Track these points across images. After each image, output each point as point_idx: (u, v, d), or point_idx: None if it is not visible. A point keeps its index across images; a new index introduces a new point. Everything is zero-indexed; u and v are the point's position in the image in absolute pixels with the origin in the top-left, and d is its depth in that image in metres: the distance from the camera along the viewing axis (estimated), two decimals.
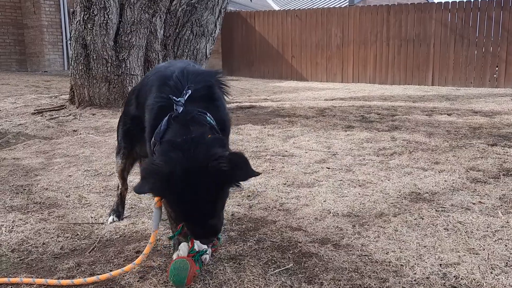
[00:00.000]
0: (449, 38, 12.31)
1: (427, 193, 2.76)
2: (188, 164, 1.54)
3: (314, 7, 17.68)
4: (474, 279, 1.70)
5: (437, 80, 12.58)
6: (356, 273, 1.76)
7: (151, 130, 1.78)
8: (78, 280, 1.74)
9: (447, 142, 4.24)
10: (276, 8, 21.72)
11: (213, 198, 1.57)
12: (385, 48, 13.21)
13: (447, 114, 6.05)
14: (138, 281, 1.74)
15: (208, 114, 1.72)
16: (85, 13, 5.96)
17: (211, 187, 1.55)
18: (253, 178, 3.08)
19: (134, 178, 2.88)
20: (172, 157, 1.56)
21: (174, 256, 1.83)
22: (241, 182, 1.63)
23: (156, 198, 1.78)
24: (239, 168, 1.55)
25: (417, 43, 12.74)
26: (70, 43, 6.47)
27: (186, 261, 1.67)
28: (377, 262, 1.85)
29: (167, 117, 1.70)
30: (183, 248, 1.79)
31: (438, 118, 5.73)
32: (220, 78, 1.92)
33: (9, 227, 2.30)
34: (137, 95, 2.11)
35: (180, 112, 1.69)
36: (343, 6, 16.44)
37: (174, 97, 1.72)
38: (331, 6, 16.37)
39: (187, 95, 1.73)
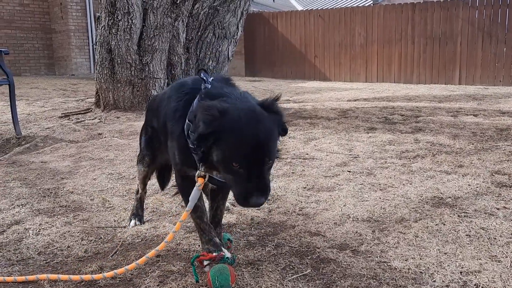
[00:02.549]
0: (477, 36, 12.04)
1: (449, 197, 2.72)
2: (241, 104, 1.60)
3: (338, 6, 17.58)
4: None
5: (464, 79, 12.32)
6: (374, 280, 1.75)
7: (176, 128, 1.77)
8: (98, 276, 1.79)
9: (472, 144, 4.15)
10: (299, 8, 21.65)
11: (272, 134, 1.60)
12: (410, 47, 13.02)
13: (473, 115, 5.93)
14: (157, 285, 1.78)
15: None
16: (110, 18, 6.09)
17: (267, 119, 1.60)
18: (273, 182, 3.10)
19: (155, 181, 2.93)
20: (222, 100, 1.61)
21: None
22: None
23: (199, 180, 1.73)
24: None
25: (443, 41, 12.50)
26: (95, 48, 6.62)
27: (221, 264, 1.72)
28: (396, 269, 1.84)
29: (197, 96, 1.72)
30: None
31: (463, 119, 5.62)
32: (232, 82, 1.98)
33: (36, 230, 2.37)
34: (156, 114, 2.13)
35: (210, 87, 1.74)
36: (366, 5, 16.27)
37: (203, 76, 1.77)
38: (355, 5, 16.21)
39: (211, 78, 1.79)
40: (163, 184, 2.50)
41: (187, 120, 1.70)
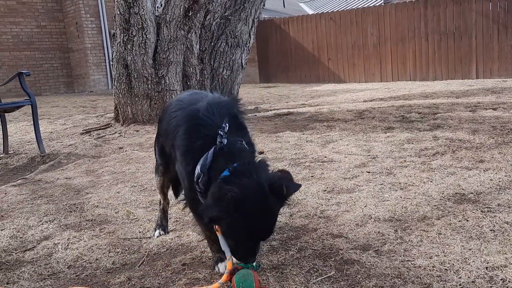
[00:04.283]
0: (492, 28, 11.87)
1: (471, 193, 2.70)
2: (257, 188, 1.66)
3: (349, 7, 17.54)
4: None
5: (482, 72, 12.15)
6: (399, 279, 1.76)
7: (188, 167, 1.87)
8: None
9: (493, 138, 4.10)
10: (310, 12, 21.67)
11: (275, 222, 1.74)
12: (424, 44, 12.91)
13: (492, 109, 5.85)
14: None
15: (243, 141, 1.86)
16: (125, 34, 6.22)
17: (275, 208, 1.72)
18: None
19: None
20: (241, 181, 1.66)
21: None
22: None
23: (217, 226, 1.83)
24: (289, 185, 1.71)
25: (458, 36, 12.36)
26: (112, 64, 6.76)
27: (246, 269, 1.75)
28: (421, 267, 1.84)
29: (212, 149, 1.79)
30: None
31: (482, 114, 5.55)
32: (239, 106, 2.05)
33: (65, 245, 2.44)
34: (162, 127, 2.25)
35: (225, 143, 1.79)
36: (377, 4, 16.22)
37: (220, 131, 1.81)
38: (366, 6, 16.16)
39: (227, 128, 1.83)
40: (176, 192, 2.58)
41: (199, 169, 1.79)
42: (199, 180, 1.78)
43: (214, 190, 1.70)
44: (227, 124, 1.84)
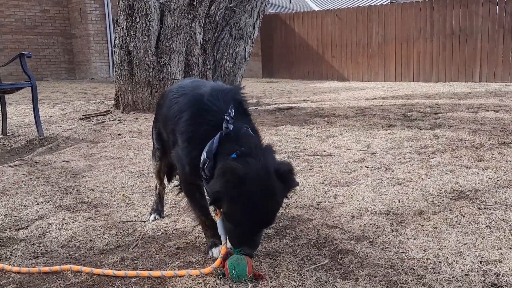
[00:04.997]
0: (497, 33, 11.83)
1: (469, 191, 2.69)
2: (262, 170, 1.64)
3: (355, 5, 17.48)
4: None
5: (485, 76, 12.12)
6: (392, 270, 1.75)
7: (189, 153, 1.84)
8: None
9: (493, 139, 4.09)
10: (316, 8, 21.61)
11: (277, 208, 1.71)
12: (429, 45, 12.87)
13: (494, 111, 5.83)
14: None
15: (249, 127, 1.84)
16: (128, 20, 6.19)
17: (279, 194, 1.68)
18: None
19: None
20: (247, 161, 1.65)
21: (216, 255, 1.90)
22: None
23: (217, 211, 1.81)
24: (293, 178, 1.70)
25: (463, 38, 12.32)
26: (114, 51, 6.73)
27: (239, 254, 1.73)
28: (415, 259, 1.83)
29: (218, 135, 1.77)
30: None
31: (484, 115, 5.53)
32: (243, 94, 2.02)
33: (59, 225, 2.43)
34: (161, 112, 2.21)
35: (231, 129, 1.76)
36: (384, 3, 16.16)
37: (226, 115, 1.78)
38: (372, 4, 16.10)
39: (233, 113, 1.80)
40: (170, 177, 2.57)
41: (205, 154, 1.76)
42: (205, 166, 1.75)
43: (218, 169, 1.68)
44: (233, 110, 1.81)
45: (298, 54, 15.46)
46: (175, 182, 3.05)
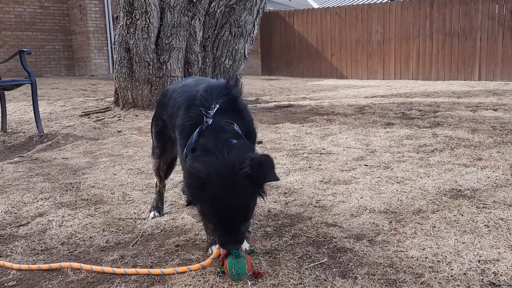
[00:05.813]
0: (497, 31, 11.84)
1: (468, 189, 2.70)
2: (223, 168, 1.61)
3: (354, 3, 17.46)
4: None
5: (484, 75, 12.13)
6: (391, 268, 1.76)
7: (183, 145, 1.88)
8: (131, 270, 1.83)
9: (492, 138, 4.10)
10: (315, 6, 21.57)
11: (246, 203, 1.64)
12: (428, 43, 12.87)
13: (493, 110, 5.84)
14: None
15: (235, 124, 1.83)
16: (128, 17, 6.18)
17: (245, 191, 1.62)
18: (290, 176, 3.12)
19: (174, 176, 2.98)
20: (207, 161, 1.63)
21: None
22: (264, 195, 1.71)
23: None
24: (264, 171, 1.61)
25: (462, 37, 12.32)
26: (114, 48, 6.72)
27: (238, 252, 1.72)
28: (413, 257, 1.84)
29: (198, 129, 1.81)
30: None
31: (483, 114, 5.54)
32: (239, 89, 2.01)
33: (59, 222, 2.44)
34: (165, 108, 2.23)
35: (210, 124, 1.79)
36: (384, 1, 16.14)
37: (203, 111, 1.82)
38: (372, 2, 16.09)
39: (215, 108, 1.83)
40: (166, 174, 2.57)
41: (185, 148, 1.82)
42: (187, 159, 1.80)
43: (184, 171, 1.73)
44: (216, 105, 1.84)
45: (297, 51, 15.45)
46: (175, 179, 3.08)
